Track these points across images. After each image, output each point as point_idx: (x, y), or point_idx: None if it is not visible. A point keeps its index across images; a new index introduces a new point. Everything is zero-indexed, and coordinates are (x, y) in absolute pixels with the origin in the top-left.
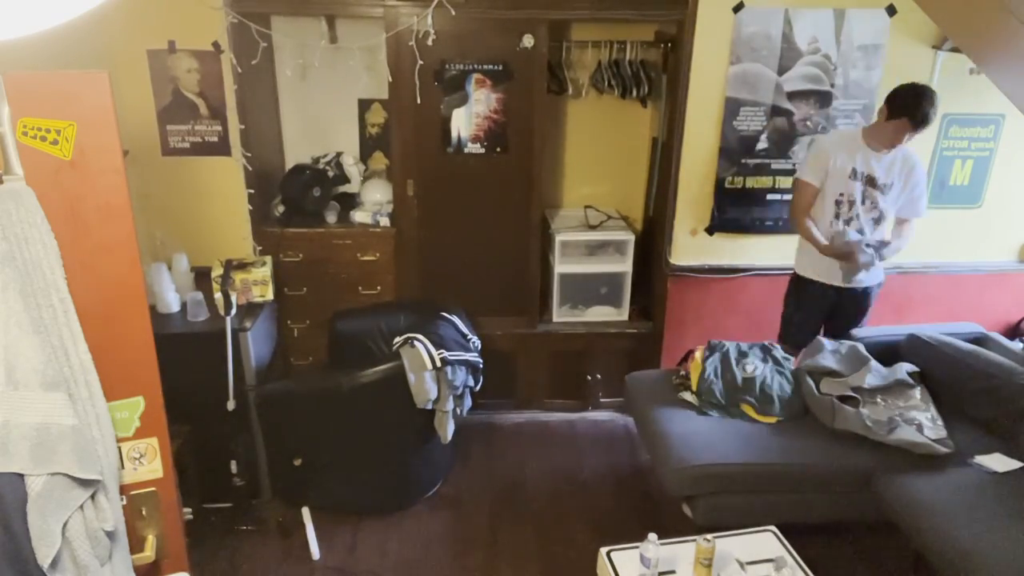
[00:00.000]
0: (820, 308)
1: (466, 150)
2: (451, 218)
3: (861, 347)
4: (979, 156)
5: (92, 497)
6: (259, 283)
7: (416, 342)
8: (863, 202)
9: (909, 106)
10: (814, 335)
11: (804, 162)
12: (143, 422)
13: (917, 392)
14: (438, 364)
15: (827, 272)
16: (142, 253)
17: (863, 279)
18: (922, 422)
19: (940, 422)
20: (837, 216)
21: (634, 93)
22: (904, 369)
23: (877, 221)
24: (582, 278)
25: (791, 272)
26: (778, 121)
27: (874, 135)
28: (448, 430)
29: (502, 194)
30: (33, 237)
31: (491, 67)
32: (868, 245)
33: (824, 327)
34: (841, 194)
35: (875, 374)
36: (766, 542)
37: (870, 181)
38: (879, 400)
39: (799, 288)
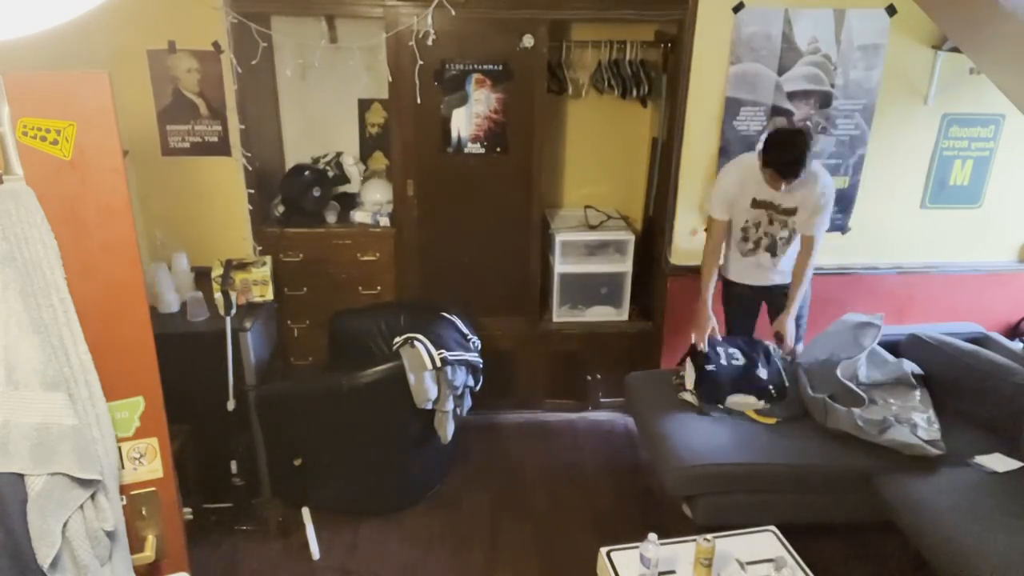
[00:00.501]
0: (750, 306)
1: (466, 150)
2: (451, 218)
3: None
4: (979, 156)
5: (92, 497)
6: (259, 283)
7: (416, 342)
8: (771, 223)
9: (773, 159)
10: (752, 328)
11: (711, 199)
12: (143, 422)
13: (918, 394)
14: (438, 364)
15: (744, 274)
16: (142, 253)
17: (774, 279)
18: (917, 423)
19: (936, 425)
20: (746, 239)
21: (634, 93)
22: (908, 367)
23: (789, 239)
24: (582, 278)
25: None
26: (778, 121)
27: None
28: (448, 430)
29: (502, 194)
30: (33, 237)
31: (491, 67)
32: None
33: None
34: (747, 221)
35: (875, 367)
36: (766, 542)
37: (773, 207)
38: (877, 399)
39: (726, 290)
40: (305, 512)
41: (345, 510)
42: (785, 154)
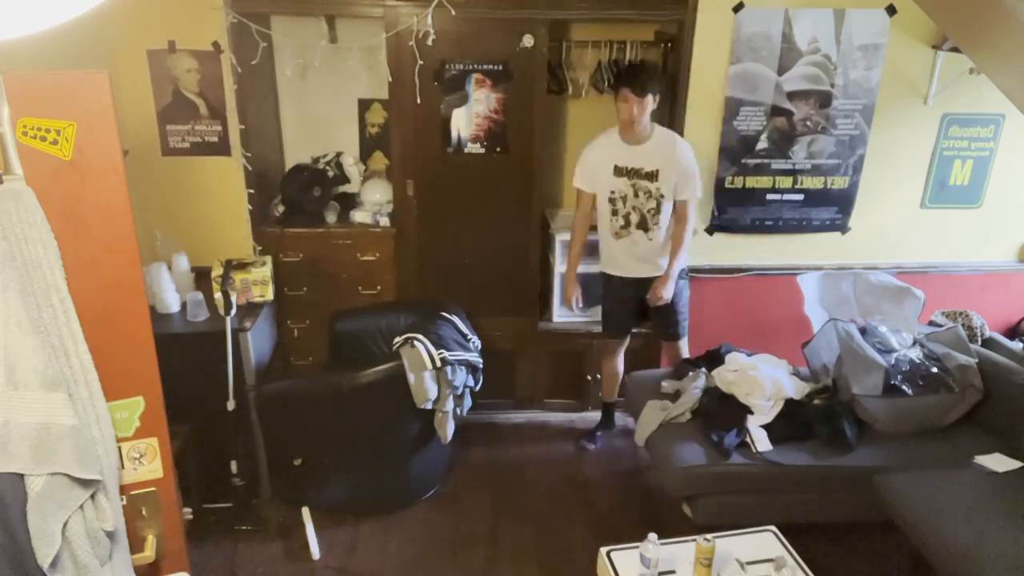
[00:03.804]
0: (627, 301)
1: (466, 150)
2: (451, 218)
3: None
4: (979, 156)
5: (92, 497)
6: (259, 283)
7: (416, 342)
8: (636, 195)
9: (623, 76)
10: (632, 324)
11: (575, 172)
12: (143, 422)
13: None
14: (438, 364)
15: (620, 264)
16: (142, 253)
17: (651, 271)
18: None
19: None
20: (615, 213)
21: None
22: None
23: (658, 209)
24: (582, 278)
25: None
26: (778, 121)
27: (621, 125)
28: (448, 430)
29: (502, 194)
30: (33, 237)
31: (491, 67)
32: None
33: (648, 316)
34: (612, 191)
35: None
36: (766, 542)
37: (635, 173)
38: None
39: (606, 283)
40: (305, 512)
41: (345, 510)
42: (631, 68)
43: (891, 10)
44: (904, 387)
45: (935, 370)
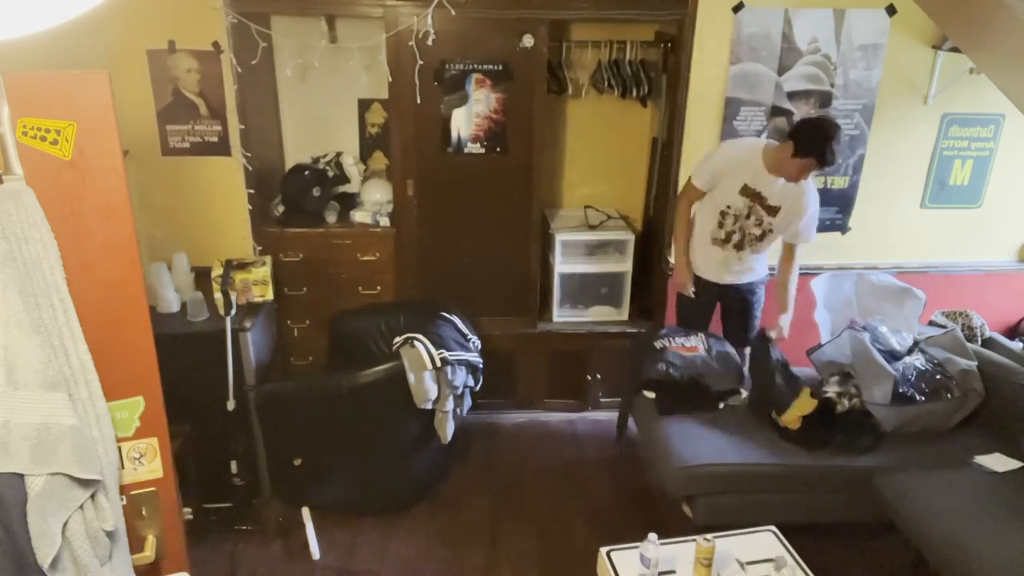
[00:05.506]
0: (707, 303)
1: (466, 150)
2: (451, 218)
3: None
4: (979, 156)
5: (92, 497)
6: (259, 283)
7: (416, 342)
8: (748, 216)
9: (818, 147)
10: (706, 327)
11: (700, 163)
12: (143, 422)
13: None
14: (438, 364)
15: (704, 267)
16: (142, 253)
17: (731, 280)
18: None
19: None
20: (720, 226)
21: (634, 93)
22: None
23: (760, 238)
24: (582, 278)
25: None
26: (778, 121)
27: (776, 163)
28: (448, 430)
29: (502, 194)
30: (33, 237)
31: (491, 67)
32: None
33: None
34: (728, 206)
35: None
36: (766, 542)
37: (759, 198)
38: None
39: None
40: (305, 512)
41: (345, 510)
42: (833, 141)
43: (891, 10)
44: (911, 396)
45: (939, 376)
